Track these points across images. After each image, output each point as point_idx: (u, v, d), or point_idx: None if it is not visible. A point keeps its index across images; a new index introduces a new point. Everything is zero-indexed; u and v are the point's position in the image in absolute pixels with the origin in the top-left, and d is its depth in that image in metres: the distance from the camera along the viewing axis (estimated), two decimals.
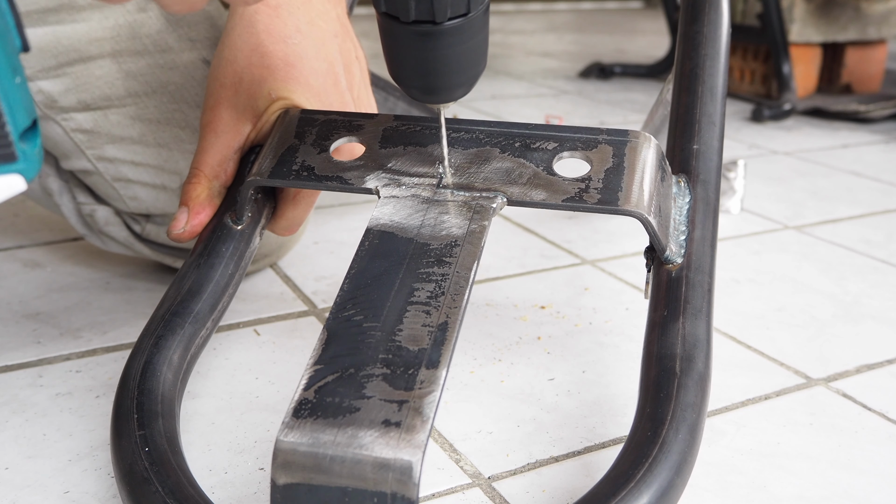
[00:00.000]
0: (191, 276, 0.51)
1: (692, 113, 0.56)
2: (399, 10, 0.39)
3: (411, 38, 0.40)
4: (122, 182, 0.66)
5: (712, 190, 0.52)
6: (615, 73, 1.93)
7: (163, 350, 0.47)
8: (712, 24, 0.59)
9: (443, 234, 0.44)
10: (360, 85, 0.61)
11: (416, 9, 0.39)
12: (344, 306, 0.41)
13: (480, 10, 0.40)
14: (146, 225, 0.69)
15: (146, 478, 0.40)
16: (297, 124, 0.51)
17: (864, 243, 0.91)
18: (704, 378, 0.44)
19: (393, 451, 0.35)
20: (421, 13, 0.39)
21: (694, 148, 0.54)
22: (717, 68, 0.58)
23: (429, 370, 0.38)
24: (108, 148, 0.65)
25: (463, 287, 0.41)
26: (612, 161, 0.47)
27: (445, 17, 0.39)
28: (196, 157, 0.54)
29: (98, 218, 0.69)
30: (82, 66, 0.63)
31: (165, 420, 0.44)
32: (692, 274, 0.48)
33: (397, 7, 0.39)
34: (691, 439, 0.41)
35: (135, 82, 0.64)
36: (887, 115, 1.54)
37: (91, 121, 0.64)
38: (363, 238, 0.45)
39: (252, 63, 0.54)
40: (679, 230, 0.50)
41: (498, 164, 0.48)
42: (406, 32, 0.40)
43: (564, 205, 0.46)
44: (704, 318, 0.47)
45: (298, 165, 0.49)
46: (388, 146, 0.49)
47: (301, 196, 0.56)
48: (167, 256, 0.71)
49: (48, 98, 0.63)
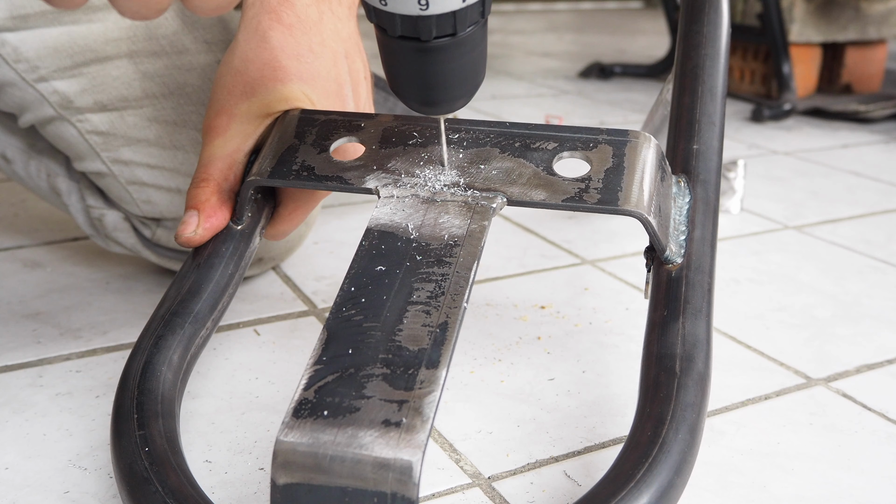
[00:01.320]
0: (191, 276, 0.51)
1: (692, 113, 0.56)
2: (386, 25, 0.38)
3: (405, 51, 0.40)
4: (136, 185, 0.66)
5: (712, 190, 0.52)
6: (615, 73, 1.93)
7: (163, 350, 0.47)
8: (712, 24, 0.59)
9: (443, 234, 0.44)
10: (366, 104, 0.61)
11: (402, 26, 0.38)
12: (344, 306, 0.41)
13: (470, 30, 0.39)
14: (157, 230, 0.68)
15: (146, 478, 0.40)
16: (296, 124, 0.51)
17: (864, 243, 0.91)
18: (704, 378, 0.44)
19: (393, 450, 0.35)
20: (406, 30, 0.38)
21: (694, 148, 0.54)
22: (717, 68, 0.58)
23: (429, 370, 0.38)
24: (123, 150, 0.64)
25: (463, 287, 0.41)
26: (612, 161, 0.47)
27: (431, 37, 0.38)
28: (203, 162, 0.53)
29: (107, 223, 0.69)
30: (99, 67, 0.62)
31: (165, 420, 0.43)
32: (692, 274, 0.48)
33: (384, 22, 0.38)
34: (691, 439, 0.41)
35: (152, 83, 0.64)
36: (887, 115, 1.54)
37: (107, 122, 0.64)
38: (363, 238, 0.45)
39: (265, 75, 0.53)
40: (679, 230, 0.50)
41: (498, 164, 0.48)
42: (400, 46, 0.39)
43: (564, 205, 0.46)
44: (704, 317, 0.47)
45: (298, 165, 0.49)
46: (387, 146, 0.49)
47: (297, 210, 0.56)
48: (173, 262, 0.71)
49: (63, 98, 0.62)
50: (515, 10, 3.59)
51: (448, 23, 0.38)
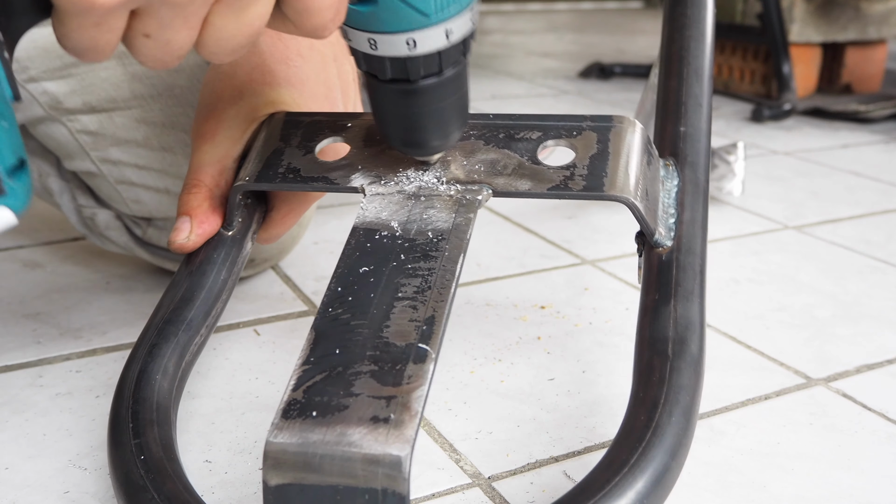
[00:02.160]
0: (183, 283, 0.51)
1: (678, 95, 0.55)
2: (376, 70, 0.41)
3: (394, 95, 0.42)
4: (125, 185, 0.66)
5: (701, 172, 0.52)
6: (615, 73, 1.93)
7: (157, 358, 0.47)
8: (696, 5, 0.59)
9: (429, 228, 0.44)
10: (355, 107, 0.61)
11: (392, 69, 0.41)
12: (331, 305, 0.41)
13: (454, 71, 0.42)
14: (147, 229, 0.69)
15: (142, 485, 0.40)
16: (282, 127, 0.51)
17: (864, 243, 0.91)
18: (698, 360, 0.44)
19: (382, 446, 0.35)
20: (396, 72, 0.41)
21: (681, 130, 0.53)
22: (703, 50, 0.57)
23: (416, 365, 0.38)
24: (112, 150, 0.65)
25: (449, 280, 0.41)
26: (596, 147, 0.47)
27: (419, 76, 0.41)
28: (193, 168, 0.53)
29: (98, 221, 0.69)
30: (87, 68, 0.62)
31: (161, 428, 0.43)
32: (682, 256, 0.48)
33: (374, 67, 0.41)
34: (686, 422, 0.41)
35: (140, 85, 0.64)
36: (887, 115, 1.54)
37: (96, 122, 0.64)
38: (349, 236, 0.45)
39: (254, 79, 0.53)
40: (668, 213, 0.50)
41: (482, 157, 0.48)
42: (386, 90, 0.42)
43: (550, 193, 0.46)
44: (697, 300, 0.46)
45: (284, 168, 0.49)
46: (372, 144, 0.49)
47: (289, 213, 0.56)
48: (167, 261, 0.71)
49: (53, 99, 0.63)
50: (515, 10, 3.59)
51: (434, 62, 0.41)
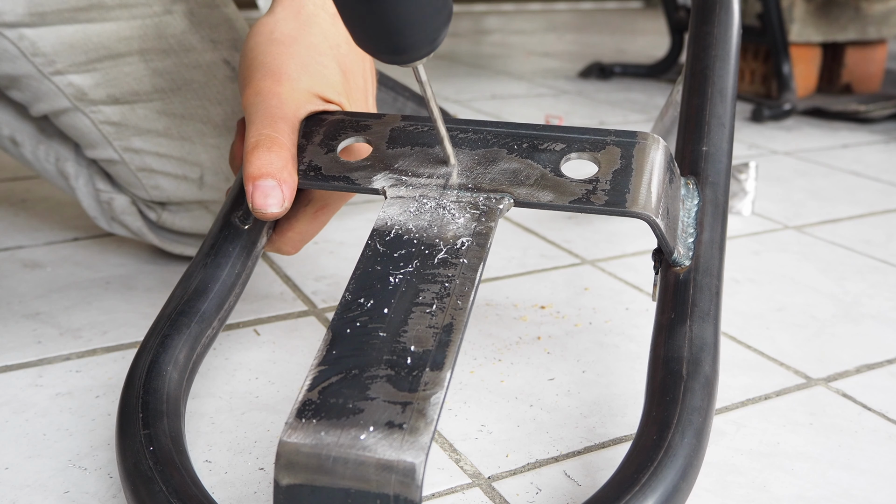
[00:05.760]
0: (198, 275, 0.51)
1: (702, 114, 0.55)
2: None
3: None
4: (145, 172, 0.70)
5: (721, 192, 0.52)
6: (615, 73, 1.93)
7: (169, 349, 0.47)
8: (723, 25, 0.59)
9: (449, 235, 0.44)
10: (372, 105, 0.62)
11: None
12: (349, 307, 0.41)
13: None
14: (162, 213, 0.73)
15: (150, 477, 0.40)
16: (304, 125, 0.51)
17: (864, 243, 0.91)
18: (711, 382, 0.44)
19: (396, 452, 0.34)
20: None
21: (703, 150, 0.54)
22: (728, 70, 0.57)
23: (433, 372, 0.38)
24: (134, 140, 0.69)
25: (468, 289, 0.41)
26: (620, 162, 0.47)
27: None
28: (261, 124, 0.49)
29: (115, 206, 0.73)
30: (111, 63, 0.67)
31: (170, 419, 0.44)
32: (700, 277, 0.48)
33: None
34: (697, 443, 0.41)
35: (161, 79, 0.68)
36: (887, 115, 1.54)
37: (119, 114, 0.68)
38: (369, 238, 0.45)
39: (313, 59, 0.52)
40: (687, 232, 0.50)
41: (505, 165, 0.47)
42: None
43: (572, 206, 0.45)
44: (712, 321, 0.46)
45: (305, 165, 0.49)
46: (395, 146, 0.49)
47: (321, 213, 0.54)
48: (175, 244, 0.76)
49: (78, 91, 0.67)
50: (515, 10, 3.59)
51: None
